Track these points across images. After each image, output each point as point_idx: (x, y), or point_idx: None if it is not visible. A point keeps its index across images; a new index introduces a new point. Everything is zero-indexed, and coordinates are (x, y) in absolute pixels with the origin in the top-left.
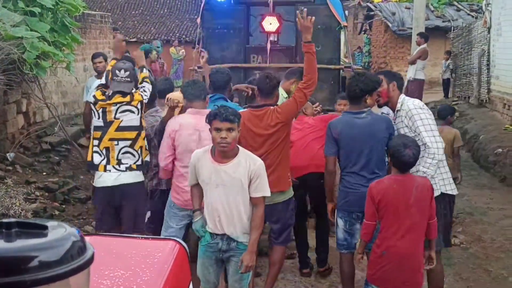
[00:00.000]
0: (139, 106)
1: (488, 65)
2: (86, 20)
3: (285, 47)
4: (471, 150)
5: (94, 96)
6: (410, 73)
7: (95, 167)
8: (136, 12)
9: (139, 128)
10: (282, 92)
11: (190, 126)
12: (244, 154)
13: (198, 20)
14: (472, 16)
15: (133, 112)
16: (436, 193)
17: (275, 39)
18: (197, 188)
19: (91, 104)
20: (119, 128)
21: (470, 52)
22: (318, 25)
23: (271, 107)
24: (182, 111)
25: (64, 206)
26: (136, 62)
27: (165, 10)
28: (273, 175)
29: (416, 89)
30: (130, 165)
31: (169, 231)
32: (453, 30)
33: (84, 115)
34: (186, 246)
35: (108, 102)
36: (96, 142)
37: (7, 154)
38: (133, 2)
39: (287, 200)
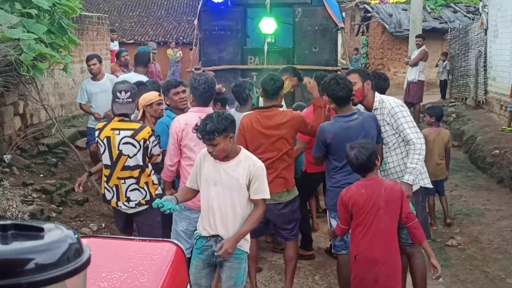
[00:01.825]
0: (142, 143)
1: (485, 66)
2: (83, 22)
3: (282, 48)
4: (468, 151)
5: (97, 129)
6: (412, 75)
7: (108, 202)
8: (133, 13)
9: (142, 167)
10: None
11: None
12: (245, 154)
13: (196, 22)
14: (469, 18)
15: (134, 146)
16: (416, 187)
17: (273, 41)
18: (189, 189)
19: (97, 139)
20: (124, 168)
21: (467, 53)
22: (316, 27)
23: (279, 109)
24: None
25: (61, 208)
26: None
27: (162, 12)
28: (287, 175)
29: (419, 90)
30: (139, 201)
31: (178, 237)
32: (450, 31)
33: (90, 154)
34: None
35: (110, 126)
36: (105, 179)
37: (4, 156)
38: (130, 4)
39: (294, 198)
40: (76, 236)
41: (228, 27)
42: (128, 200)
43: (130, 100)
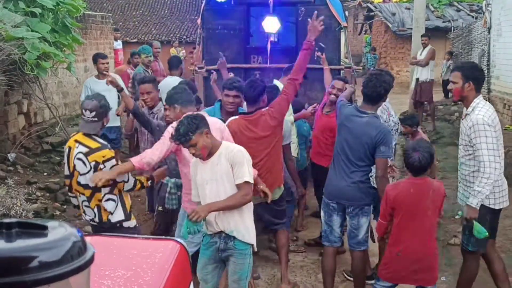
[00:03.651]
0: (92, 165)
1: (488, 65)
2: (86, 21)
3: (285, 47)
4: None
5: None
6: (424, 74)
7: (77, 207)
8: (137, 13)
9: (92, 189)
10: (281, 87)
11: None
12: (224, 145)
13: (199, 21)
14: (472, 17)
15: (85, 165)
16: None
17: (276, 40)
18: (199, 203)
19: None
20: (78, 183)
21: (470, 52)
22: None
23: (263, 110)
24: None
25: (65, 206)
26: None
27: (166, 11)
28: (275, 173)
29: (431, 90)
30: (92, 219)
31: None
32: (453, 30)
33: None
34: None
35: (75, 137)
36: (68, 188)
37: (8, 155)
38: (134, 3)
39: (282, 193)
40: (79, 234)
41: (231, 26)
42: (84, 213)
43: (96, 119)
